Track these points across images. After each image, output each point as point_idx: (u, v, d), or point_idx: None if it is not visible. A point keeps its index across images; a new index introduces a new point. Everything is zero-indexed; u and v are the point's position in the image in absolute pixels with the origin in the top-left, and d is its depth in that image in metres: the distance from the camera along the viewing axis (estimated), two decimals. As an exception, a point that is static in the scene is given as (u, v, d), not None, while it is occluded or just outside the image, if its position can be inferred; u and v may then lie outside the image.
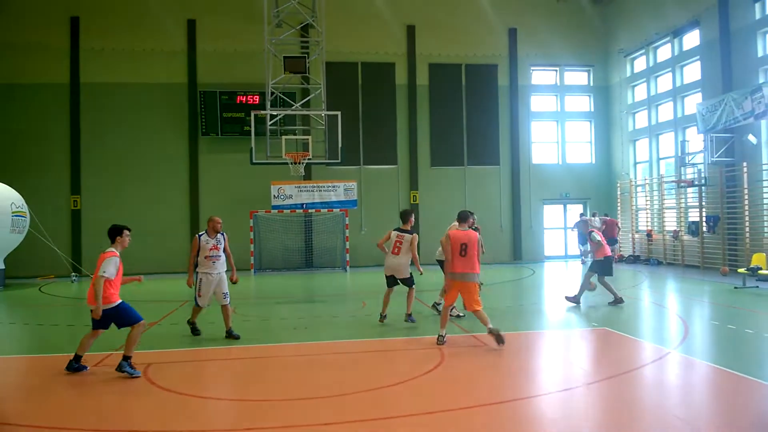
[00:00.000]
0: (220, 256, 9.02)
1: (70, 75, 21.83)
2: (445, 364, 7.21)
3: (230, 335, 8.98)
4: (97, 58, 21.90)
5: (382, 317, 9.99)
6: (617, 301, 11.57)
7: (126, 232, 7.22)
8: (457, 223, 9.04)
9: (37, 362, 8.07)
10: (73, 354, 7.08)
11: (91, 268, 19.52)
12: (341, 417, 5.35)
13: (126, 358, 6.87)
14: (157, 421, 5.38)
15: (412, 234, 9.84)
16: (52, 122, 21.72)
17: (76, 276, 19.34)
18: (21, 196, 17.88)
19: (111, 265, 6.87)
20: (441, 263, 9.78)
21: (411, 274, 10.02)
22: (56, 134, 21.73)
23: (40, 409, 5.79)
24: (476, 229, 15.54)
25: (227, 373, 7.38)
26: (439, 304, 10.43)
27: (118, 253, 7.06)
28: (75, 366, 7.02)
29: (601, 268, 11.79)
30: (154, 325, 10.26)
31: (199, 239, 8.98)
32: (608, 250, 11.93)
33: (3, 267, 17.53)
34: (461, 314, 10.35)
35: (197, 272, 8.97)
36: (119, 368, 6.82)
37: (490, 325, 8.05)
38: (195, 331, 9.23)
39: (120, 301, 7.02)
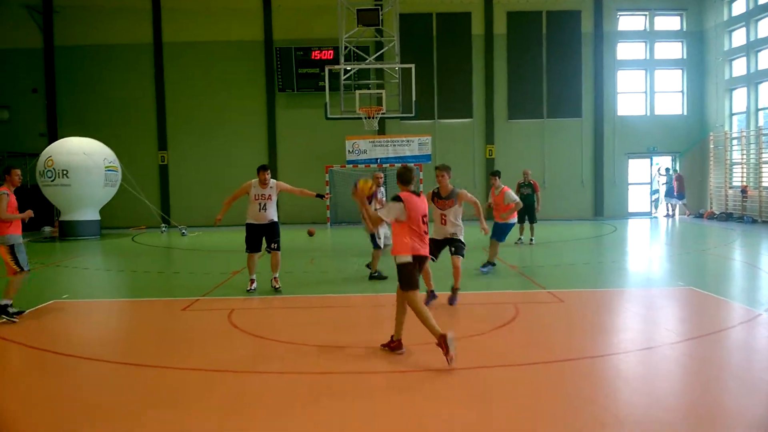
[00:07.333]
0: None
1: (153, 35, 22.65)
2: (519, 319, 7.15)
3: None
4: (177, 18, 22.55)
5: None
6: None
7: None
8: None
9: (130, 306, 8.70)
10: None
11: (180, 220, 20.64)
12: (399, 367, 5.42)
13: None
14: (241, 362, 5.65)
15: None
16: (138, 82, 22.75)
17: (165, 227, 20.48)
18: (113, 152, 18.99)
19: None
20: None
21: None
22: (143, 93, 22.77)
23: (146, 350, 6.26)
24: (531, 185, 15.09)
25: (307, 320, 7.62)
26: None
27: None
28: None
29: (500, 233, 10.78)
30: (237, 273, 10.73)
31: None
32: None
33: (99, 218, 18.89)
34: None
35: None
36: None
37: None
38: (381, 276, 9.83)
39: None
